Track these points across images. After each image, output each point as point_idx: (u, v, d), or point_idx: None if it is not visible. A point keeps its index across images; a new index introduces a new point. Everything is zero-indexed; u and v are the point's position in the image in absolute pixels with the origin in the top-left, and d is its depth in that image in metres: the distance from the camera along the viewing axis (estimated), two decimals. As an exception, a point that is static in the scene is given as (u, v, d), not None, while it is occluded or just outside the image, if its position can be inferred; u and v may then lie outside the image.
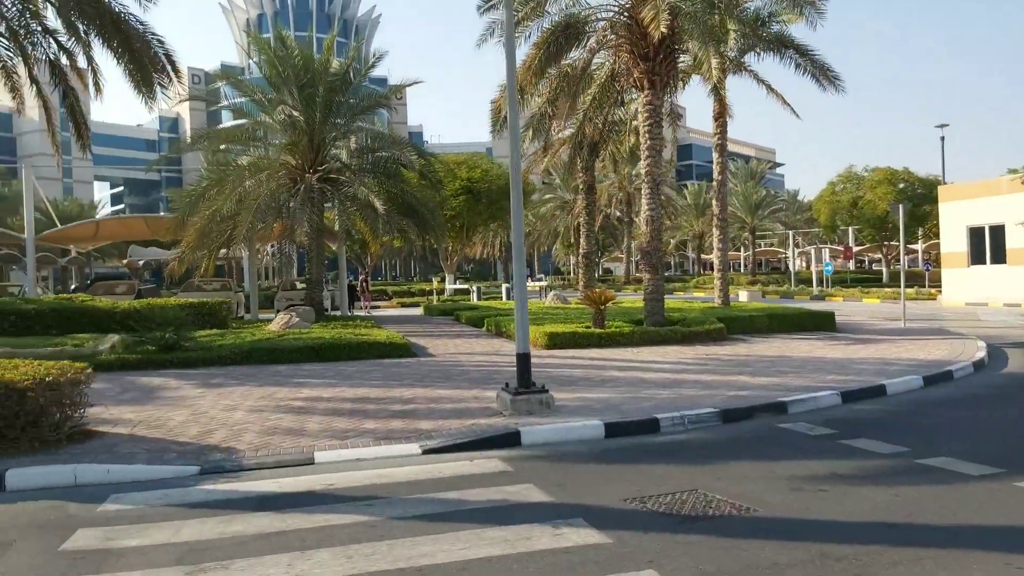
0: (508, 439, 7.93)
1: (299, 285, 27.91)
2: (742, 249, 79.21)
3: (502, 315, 21.03)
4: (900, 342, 16.62)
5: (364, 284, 31.26)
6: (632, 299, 31.77)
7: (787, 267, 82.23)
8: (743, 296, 30.04)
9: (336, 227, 24.76)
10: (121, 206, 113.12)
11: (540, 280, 40.90)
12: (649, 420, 8.52)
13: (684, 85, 21.23)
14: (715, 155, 23.19)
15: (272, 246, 42.80)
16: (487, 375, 12.19)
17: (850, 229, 57.77)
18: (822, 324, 19.71)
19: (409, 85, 23.31)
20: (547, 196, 60.27)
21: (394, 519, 5.52)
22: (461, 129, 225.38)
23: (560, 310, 23.53)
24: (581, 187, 27.36)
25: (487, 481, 6.51)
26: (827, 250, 46.05)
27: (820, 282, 41.92)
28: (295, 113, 20.66)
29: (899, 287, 44.25)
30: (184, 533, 5.35)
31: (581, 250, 27.84)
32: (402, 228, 22.75)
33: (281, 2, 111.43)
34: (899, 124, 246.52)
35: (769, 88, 22.02)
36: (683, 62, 18.25)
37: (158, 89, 16.77)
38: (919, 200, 52.69)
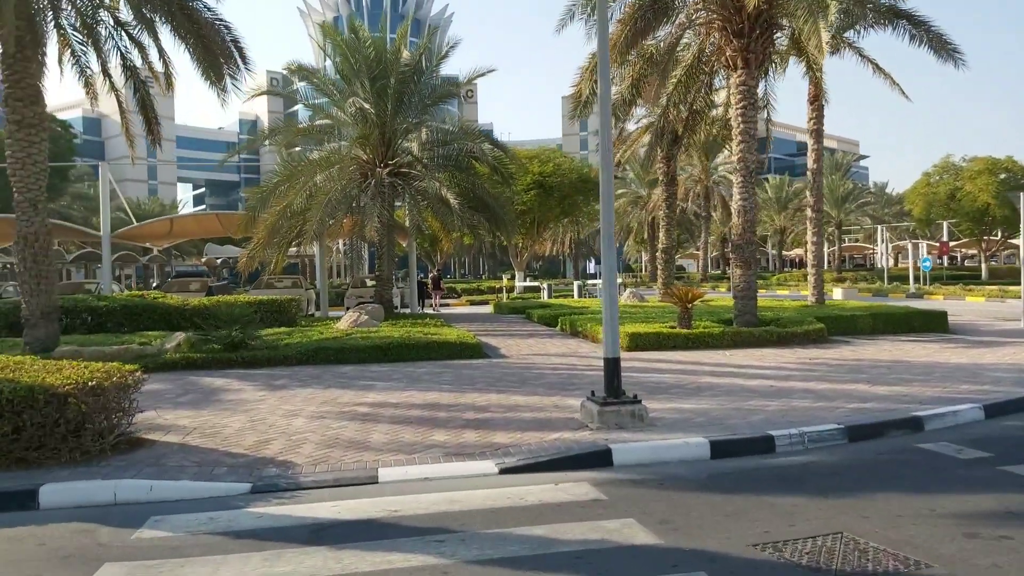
0: (598, 458, 6.87)
1: (369, 283, 27.49)
2: (825, 244, 75.70)
3: (576, 314, 19.93)
4: (1030, 346, 14.77)
5: (436, 281, 30.67)
6: (713, 297, 30.19)
7: (873, 264, 78.28)
8: (837, 294, 28.07)
9: (407, 223, 24.14)
10: (203, 206, 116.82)
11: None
12: (762, 438, 7.32)
13: (783, 69, 19.68)
14: (810, 142, 21.53)
15: (343, 243, 42.82)
16: (566, 380, 11.14)
17: (944, 223, 54.18)
18: (932, 324, 17.88)
19: (482, 75, 22.40)
20: (620, 191, 58.70)
21: (469, 563, 4.54)
22: (530, 128, 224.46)
23: (638, 308, 22.26)
24: (661, 179, 25.96)
25: (579, 512, 5.47)
26: (924, 245, 43.06)
27: (916, 279, 39.16)
28: (366, 106, 20.03)
29: (1002, 284, 41.14)
30: (222, 573, 4.50)
31: (660, 245, 26.43)
32: (473, 223, 21.89)
33: (356, 3, 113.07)
34: (993, 111, 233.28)
35: (876, 67, 20.20)
36: (778, 38, 16.73)
37: (228, 81, 16.41)
38: (1021, 190, 49.07)
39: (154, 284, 39.45)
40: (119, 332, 16.72)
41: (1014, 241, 63.50)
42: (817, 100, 21.39)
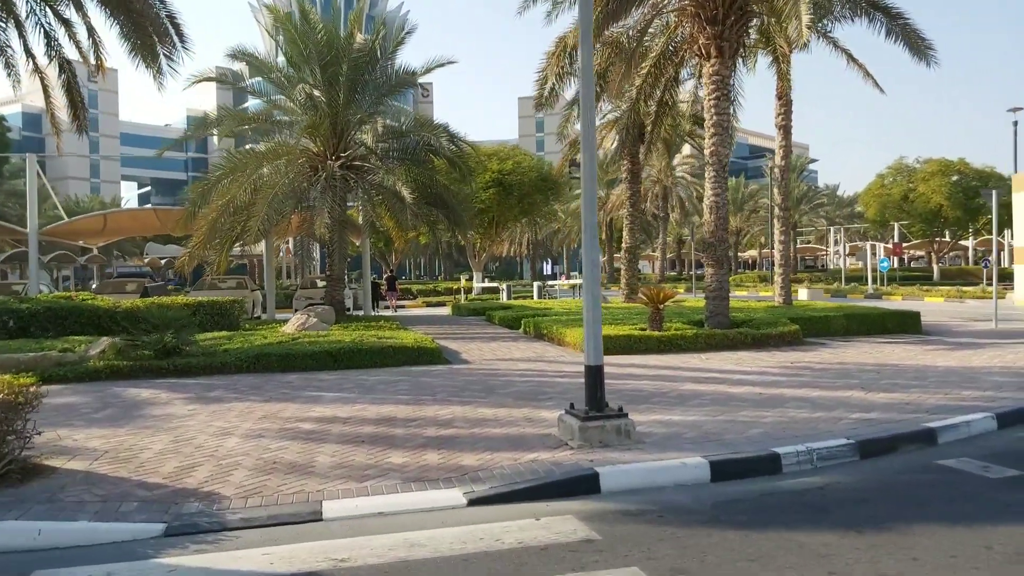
0: (583, 483, 5.89)
1: (320, 283, 26.13)
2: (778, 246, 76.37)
3: (540, 315, 19.00)
4: (1011, 346, 14.29)
5: (391, 281, 29.38)
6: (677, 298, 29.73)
7: (825, 265, 79.24)
8: (803, 294, 27.66)
9: (360, 220, 22.94)
10: (148, 205, 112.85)
11: (573, 277, 38.68)
12: (767, 456, 6.43)
13: (753, 63, 19.07)
14: (778, 138, 20.97)
15: (293, 241, 41.24)
16: (536, 388, 10.16)
17: (895, 225, 54.72)
18: (906, 326, 17.40)
19: (441, 65, 21.22)
20: (577, 191, 58.03)
21: (438, 639, 3.50)
22: (485, 130, 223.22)
23: (603, 310, 21.38)
24: (625, 176, 25.20)
25: (568, 559, 4.47)
26: (881, 246, 43.29)
27: (874, 280, 39.22)
28: (316, 93, 18.75)
29: (956, 285, 41.64)
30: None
31: (624, 244, 25.65)
32: (431, 220, 20.81)
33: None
34: (940, 113, 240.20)
35: (850, 58, 19.68)
36: (752, 27, 16.03)
37: (164, 61, 15.07)
38: (973, 193, 49.85)
39: (93, 286, 37.33)
40: (43, 336, 15.22)
41: (963, 243, 64.82)
42: (785, 95, 20.83)
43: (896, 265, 72.72)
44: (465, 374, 11.61)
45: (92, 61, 15.65)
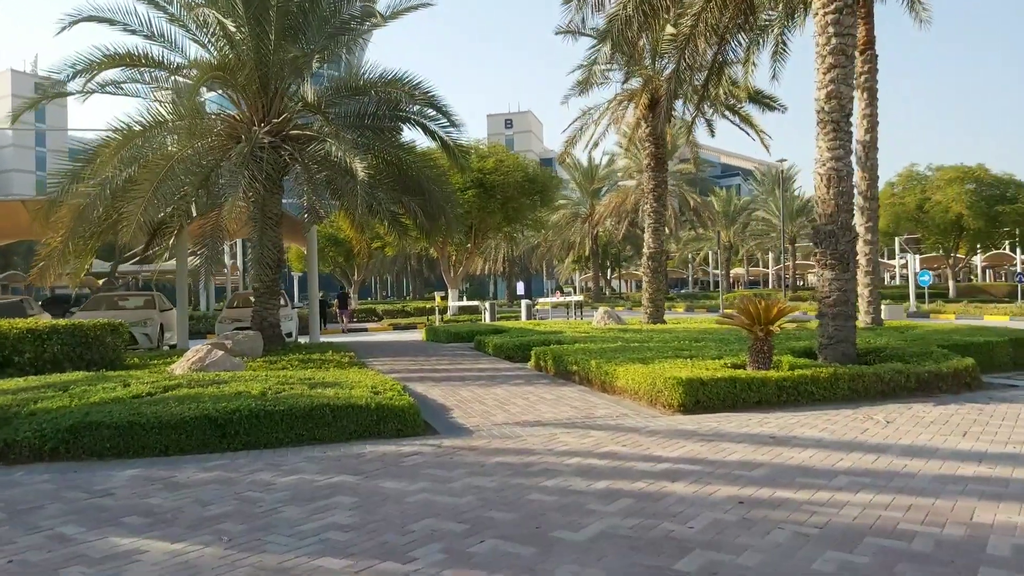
0: None
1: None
2: (769, 263, 71.77)
3: (556, 342, 13.43)
4: None
5: (343, 298, 23.56)
6: (679, 319, 24.11)
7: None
8: (883, 312, 22.31)
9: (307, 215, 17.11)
10: (14, 195, 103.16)
11: (570, 294, 33.00)
12: None
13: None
14: (860, 103, 15.75)
15: (247, 249, 35.11)
16: (648, 521, 4.53)
17: (896, 239, 50.00)
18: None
19: (415, 8, 15.50)
20: (560, 202, 52.69)
21: None
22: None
23: (633, 336, 15.81)
24: (648, 161, 19.73)
25: None
26: (917, 258, 38.45)
27: (917, 295, 34.08)
28: (230, 26, 12.96)
29: (973, 302, 36.94)
30: None
31: (647, 250, 20.12)
32: (395, 212, 15.15)
33: None
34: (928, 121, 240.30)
35: None
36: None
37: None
38: (995, 200, 45.57)
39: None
40: None
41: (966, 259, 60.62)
42: (869, 47, 15.69)
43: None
44: (469, 469, 5.89)
45: None
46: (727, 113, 19.74)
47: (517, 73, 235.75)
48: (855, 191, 12.93)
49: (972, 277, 64.74)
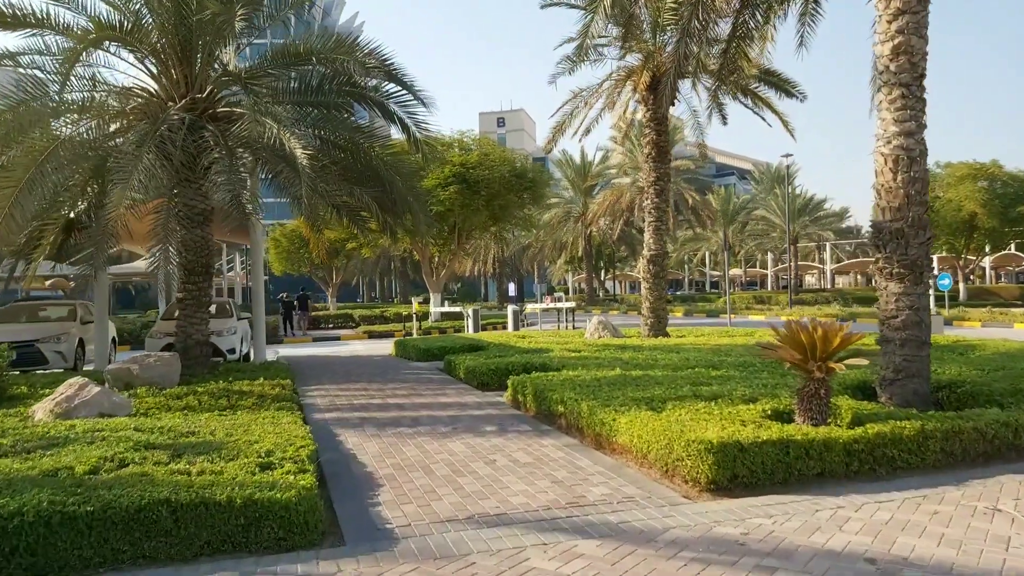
0: None
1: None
2: (769, 264, 69.37)
3: (539, 368, 10.92)
4: None
5: (303, 301, 20.96)
6: (689, 327, 21.22)
7: (823, 283, 72.61)
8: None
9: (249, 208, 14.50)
10: None
11: (561, 299, 30.40)
12: None
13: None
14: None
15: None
16: None
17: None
18: None
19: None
20: (551, 200, 50.10)
21: None
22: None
23: (633, 355, 13.26)
24: (648, 151, 17.18)
25: None
26: (935, 257, 36.23)
27: (939, 301, 31.63)
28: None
29: (985, 305, 34.63)
30: None
31: (647, 251, 17.54)
32: (352, 206, 12.57)
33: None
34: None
35: None
36: None
37: None
38: (1011, 199, 43.24)
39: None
40: None
41: (971, 259, 58.34)
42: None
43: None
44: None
45: None
46: (740, 96, 17.17)
47: (516, 73, 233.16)
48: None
49: (976, 279, 62.52)
